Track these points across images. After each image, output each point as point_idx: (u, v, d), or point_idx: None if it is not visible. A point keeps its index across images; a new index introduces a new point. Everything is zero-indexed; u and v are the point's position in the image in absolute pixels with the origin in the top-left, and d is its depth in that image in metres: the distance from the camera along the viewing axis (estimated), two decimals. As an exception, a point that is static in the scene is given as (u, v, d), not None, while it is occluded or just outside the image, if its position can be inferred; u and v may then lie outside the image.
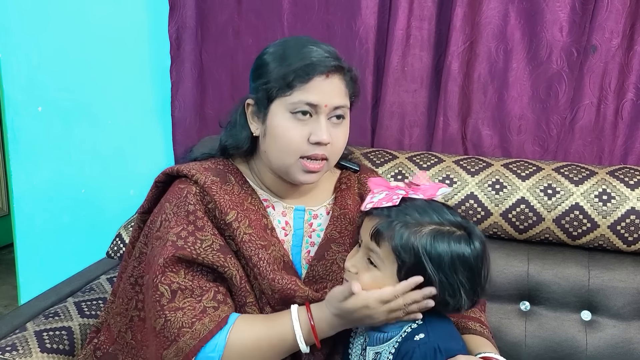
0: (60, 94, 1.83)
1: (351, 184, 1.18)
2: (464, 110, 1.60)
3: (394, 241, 0.91)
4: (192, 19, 1.68)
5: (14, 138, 1.88)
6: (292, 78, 0.99)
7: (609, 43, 1.46)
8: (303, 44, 1.03)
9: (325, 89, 1.00)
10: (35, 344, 1.16)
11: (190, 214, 1.02)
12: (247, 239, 1.02)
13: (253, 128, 1.07)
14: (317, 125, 1.01)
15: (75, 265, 1.57)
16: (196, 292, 0.99)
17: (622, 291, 1.36)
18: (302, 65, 0.99)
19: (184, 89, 1.73)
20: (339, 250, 1.10)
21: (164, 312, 0.97)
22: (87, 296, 1.36)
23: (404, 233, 0.91)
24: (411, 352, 0.91)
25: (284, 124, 1.01)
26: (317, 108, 1.01)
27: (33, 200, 1.91)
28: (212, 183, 1.05)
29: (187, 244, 0.99)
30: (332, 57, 1.02)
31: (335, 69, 1.01)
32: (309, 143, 1.01)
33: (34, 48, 1.82)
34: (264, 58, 1.05)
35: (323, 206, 1.15)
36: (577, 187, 1.38)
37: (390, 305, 0.92)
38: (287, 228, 1.10)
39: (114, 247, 1.60)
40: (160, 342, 0.97)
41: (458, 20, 1.51)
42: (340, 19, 1.61)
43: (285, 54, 1.02)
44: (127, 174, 1.84)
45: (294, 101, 1.00)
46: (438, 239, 0.91)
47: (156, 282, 0.98)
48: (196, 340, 0.95)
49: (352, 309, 0.93)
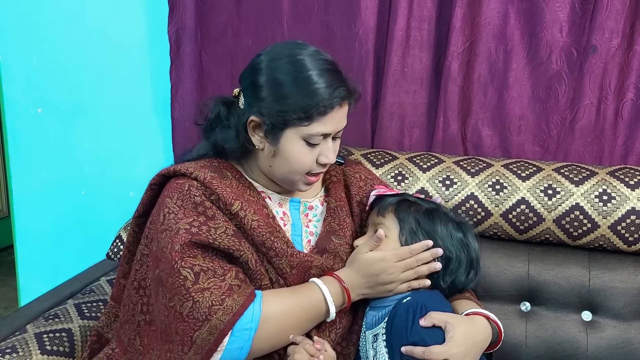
0: (60, 95, 1.83)
1: (339, 177, 1.22)
2: (464, 111, 1.59)
3: (397, 211, 1.09)
4: (192, 20, 1.68)
5: (13, 139, 1.88)
6: (312, 112, 1.01)
7: (609, 43, 1.46)
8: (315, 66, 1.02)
9: (338, 118, 1.05)
10: (35, 346, 1.16)
11: (198, 206, 1.03)
12: (256, 225, 1.04)
13: (256, 142, 1.07)
14: (326, 148, 1.06)
15: (76, 267, 1.57)
16: (218, 272, 0.99)
17: (622, 291, 1.36)
18: (323, 99, 1.01)
19: (184, 91, 1.73)
20: (340, 243, 1.12)
21: (190, 295, 0.96)
22: (87, 298, 1.36)
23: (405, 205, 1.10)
24: (399, 310, 1.02)
25: (298, 150, 1.04)
26: (328, 135, 1.06)
27: (33, 202, 1.91)
28: (211, 178, 1.06)
29: (201, 230, 1.00)
30: (342, 82, 1.04)
31: (347, 97, 1.05)
32: (317, 163, 1.07)
33: (34, 49, 1.82)
34: (274, 77, 1.03)
35: (316, 198, 1.19)
36: (578, 187, 1.37)
37: (405, 262, 1.05)
38: (285, 218, 1.13)
39: (114, 248, 1.60)
40: (190, 324, 0.96)
41: (458, 20, 1.51)
42: (340, 20, 1.61)
43: (301, 81, 1.01)
44: (127, 176, 1.84)
45: (312, 133, 1.03)
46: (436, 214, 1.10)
47: (177, 267, 0.97)
48: (230, 315, 0.95)
49: (371, 261, 1.05)
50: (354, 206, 1.18)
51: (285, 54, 1.04)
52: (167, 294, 0.99)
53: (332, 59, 1.07)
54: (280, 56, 1.04)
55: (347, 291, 1.05)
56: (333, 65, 1.06)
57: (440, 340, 0.97)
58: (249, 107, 1.06)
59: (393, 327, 1.00)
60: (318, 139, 1.04)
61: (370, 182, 1.22)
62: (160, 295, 1.01)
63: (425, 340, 0.96)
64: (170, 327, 0.99)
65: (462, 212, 1.42)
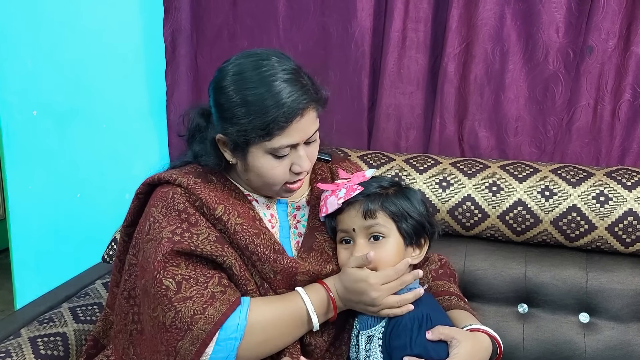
0: (55, 97, 1.83)
1: (325, 175, 1.21)
2: (461, 112, 1.59)
3: (383, 205, 1.06)
4: (187, 22, 1.68)
5: (8, 142, 1.88)
6: (271, 127, 0.98)
7: (606, 44, 1.46)
8: (265, 79, 0.98)
9: (302, 127, 1.01)
10: (30, 350, 1.15)
11: (181, 213, 1.03)
12: (240, 229, 1.03)
13: (228, 157, 1.07)
14: (297, 157, 1.04)
15: (71, 270, 1.57)
16: (200, 280, 0.98)
17: (620, 293, 1.35)
18: (279, 114, 0.97)
19: (180, 93, 1.72)
20: (325, 239, 1.12)
21: (172, 305, 0.96)
22: (83, 301, 1.35)
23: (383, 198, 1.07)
24: (400, 318, 1.00)
25: (267, 165, 1.03)
26: (296, 145, 1.03)
27: (28, 205, 1.90)
28: (195, 184, 1.06)
29: (184, 238, 1.00)
30: (302, 89, 1.00)
31: (308, 105, 1.01)
32: (291, 172, 1.05)
33: (29, 52, 1.81)
34: (227, 97, 1.00)
35: (303, 197, 1.18)
36: (575, 188, 1.37)
37: (390, 285, 1.01)
38: (273, 220, 1.13)
39: (109, 251, 1.59)
40: (173, 335, 0.96)
41: (454, 21, 1.51)
42: (336, 21, 1.60)
43: (252, 97, 0.98)
44: (123, 178, 1.83)
45: (275, 146, 1.01)
46: (402, 191, 1.11)
47: (159, 277, 0.97)
48: (211, 325, 0.95)
49: (355, 277, 1.02)
50: None
51: (237, 71, 1.01)
52: (152, 304, 0.99)
53: (293, 65, 1.02)
54: (233, 73, 1.01)
55: (333, 301, 1.04)
56: (293, 73, 1.01)
57: (443, 355, 0.97)
58: (216, 124, 1.05)
59: (393, 333, 0.99)
60: (285, 150, 1.02)
61: None
62: (146, 305, 1.01)
63: (430, 354, 0.96)
64: (156, 337, 0.99)
65: (459, 214, 1.41)
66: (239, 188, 1.11)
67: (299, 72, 1.02)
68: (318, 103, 1.04)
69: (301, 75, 1.02)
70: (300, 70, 1.03)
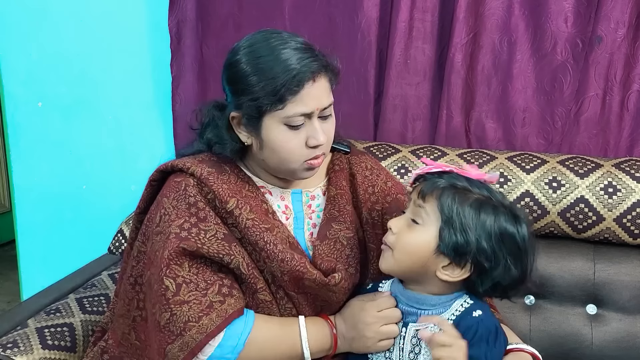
0: (60, 89, 1.82)
1: (343, 165, 1.18)
2: (468, 103, 1.58)
3: (441, 198, 0.94)
4: (193, 12, 1.67)
5: (14, 134, 1.88)
6: (283, 92, 0.97)
7: (615, 34, 1.45)
8: (276, 48, 0.99)
9: (315, 94, 1.00)
10: (37, 340, 1.16)
11: (191, 206, 1.02)
12: (251, 224, 1.02)
13: (243, 138, 1.05)
14: (312, 129, 1.01)
15: (77, 261, 1.57)
16: (201, 286, 0.98)
17: (628, 284, 1.35)
18: (289, 77, 0.97)
19: (185, 84, 1.71)
20: (341, 229, 1.10)
21: (169, 306, 0.96)
22: (89, 292, 1.36)
23: (451, 193, 0.94)
24: (475, 326, 0.93)
25: (281, 137, 1.01)
26: (310, 114, 1.01)
27: (34, 197, 1.91)
28: (208, 174, 1.05)
29: (191, 234, 0.99)
30: (312, 56, 1.00)
31: (319, 70, 1.00)
32: (307, 147, 1.02)
33: (34, 43, 1.81)
34: (239, 69, 1.01)
35: (319, 187, 1.15)
36: (583, 179, 1.36)
37: (385, 313, 1.00)
38: (288, 212, 1.11)
39: (115, 243, 1.60)
40: (165, 336, 0.96)
41: (461, 11, 1.50)
42: (342, 11, 1.59)
43: (263, 65, 0.98)
44: (128, 170, 1.83)
45: (289, 114, 0.99)
46: (484, 207, 0.93)
47: (161, 275, 0.98)
48: (203, 335, 0.95)
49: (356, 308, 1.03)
50: (360, 194, 1.14)
51: (248, 44, 1.02)
52: (152, 300, 1.00)
53: (305, 40, 1.03)
54: (244, 47, 1.02)
55: (335, 338, 1.04)
56: (304, 44, 1.01)
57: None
58: (229, 104, 1.05)
59: (467, 338, 0.92)
60: (299, 119, 0.99)
61: (375, 172, 1.19)
62: (148, 298, 1.02)
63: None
64: (152, 333, 1.00)
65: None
66: (253, 179, 1.10)
67: (309, 44, 1.02)
68: (329, 71, 1.02)
69: (311, 47, 1.02)
70: (310, 44, 1.03)
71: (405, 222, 0.99)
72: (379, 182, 1.17)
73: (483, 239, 0.92)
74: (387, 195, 1.15)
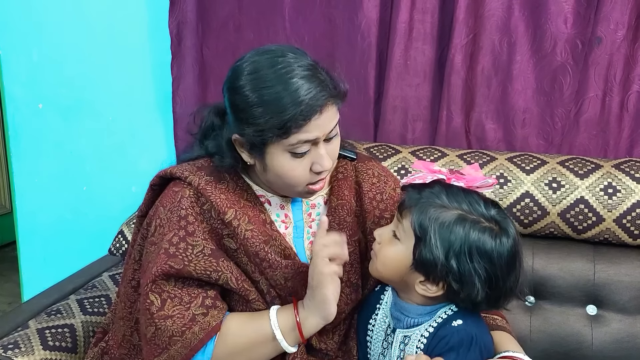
0: (60, 90, 1.82)
1: (348, 173, 1.14)
2: (468, 104, 1.58)
3: (413, 216, 0.94)
4: (193, 13, 1.67)
5: (15, 135, 1.88)
6: (289, 126, 0.93)
7: (614, 35, 1.45)
8: (282, 77, 0.94)
9: (321, 123, 0.96)
10: (38, 341, 1.16)
11: (181, 219, 1.01)
12: (250, 235, 1.01)
13: (246, 158, 1.02)
14: (317, 156, 0.98)
15: (78, 263, 1.57)
16: (185, 300, 0.99)
17: (628, 285, 1.35)
18: (297, 112, 0.92)
19: (185, 85, 1.72)
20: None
21: (154, 321, 0.98)
22: (90, 293, 1.36)
23: (425, 210, 0.94)
24: (449, 336, 0.93)
25: (286, 165, 0.98)
26: (315, 141, 0.98)
27: (35, 198, 1.91)
28: (206, 183, 1.03)
29: (179, 250, 0.99)
30: (320, 85, 0.95)
31: (327, 101, 0.96)
32: (312, 172, 1.00)
33: (34, 44, 1.81)
34: (243, 97, 0.95)
35: (320, 196, 1.13)
36: (582, 180, 1.36)
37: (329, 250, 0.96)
38: (287, 221, 1.09)
39: (116, 244, 1.60)
40: (152, 349, 0.98)
41: (461, 12, 1.50)
42: (342, 12, 1.59)
43: (268, 97, 0.93)
44: (129, 171, 1.83)
45: (293, 143, 0.95)
46: (457, 225, 0.92)
47: (147, 290, 0.99)
48: (187, 349, 0.97)
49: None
50: (366, 203, 1.11)
51: (252, 69, 0.96)
52: (141, 310, 1.01)
53: (309, 61, 0.98)
54: (248, 72, 0.96)
55: (295, 302, 1.02)
56: (310, 69, 0.96)
57: None
58: (232, 125, 1.01)
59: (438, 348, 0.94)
60: (304, 147, 0.96)
61: (383, 179, 1.15)
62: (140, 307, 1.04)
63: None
64: (142, 341, 1.02)
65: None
66: (252, 188, 1.08)
67: (316, 68, 0.97)
68: (337, 98, 0.99)
69: (318, 71, 0.97)
70: (317, 66, 0.98)
71: (389, 234, 1.00)
72: (387, 189, 1.14)
73: (452, 259, 0.91)
74: (396, 202, 1.12)
